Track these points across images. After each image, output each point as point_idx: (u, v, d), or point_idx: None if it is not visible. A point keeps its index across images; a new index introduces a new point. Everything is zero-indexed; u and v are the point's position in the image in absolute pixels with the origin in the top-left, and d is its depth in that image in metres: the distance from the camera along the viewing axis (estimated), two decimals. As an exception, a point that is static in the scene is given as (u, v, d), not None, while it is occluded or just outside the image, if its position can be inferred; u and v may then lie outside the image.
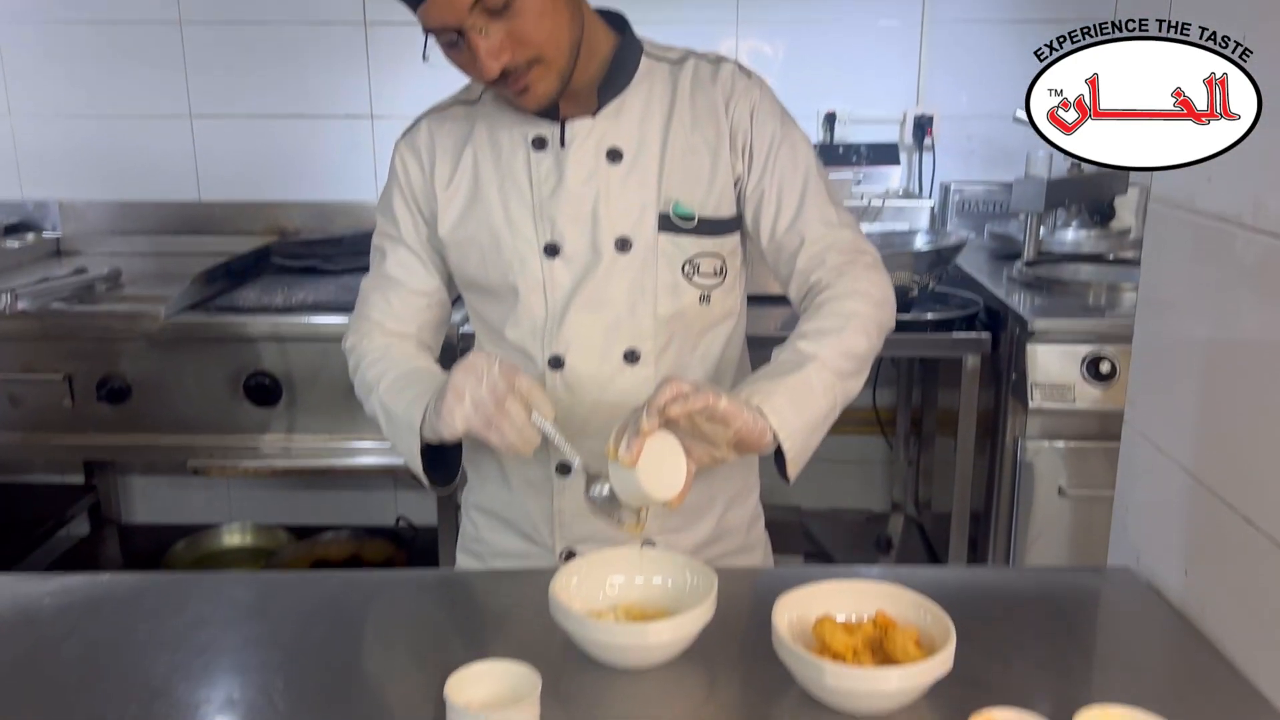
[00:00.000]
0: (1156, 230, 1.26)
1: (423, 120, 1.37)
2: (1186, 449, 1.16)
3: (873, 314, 1.24)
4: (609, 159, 1.28)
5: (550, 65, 1.19)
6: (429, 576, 1.31)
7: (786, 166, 1.31)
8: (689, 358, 1.35)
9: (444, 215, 1.33)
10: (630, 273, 1.29)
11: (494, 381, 1.13)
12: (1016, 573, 1.71)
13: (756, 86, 1.32)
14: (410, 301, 1.38)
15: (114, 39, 3.00)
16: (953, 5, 2.99)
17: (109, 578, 1.24)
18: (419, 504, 3.11)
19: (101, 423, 2.40)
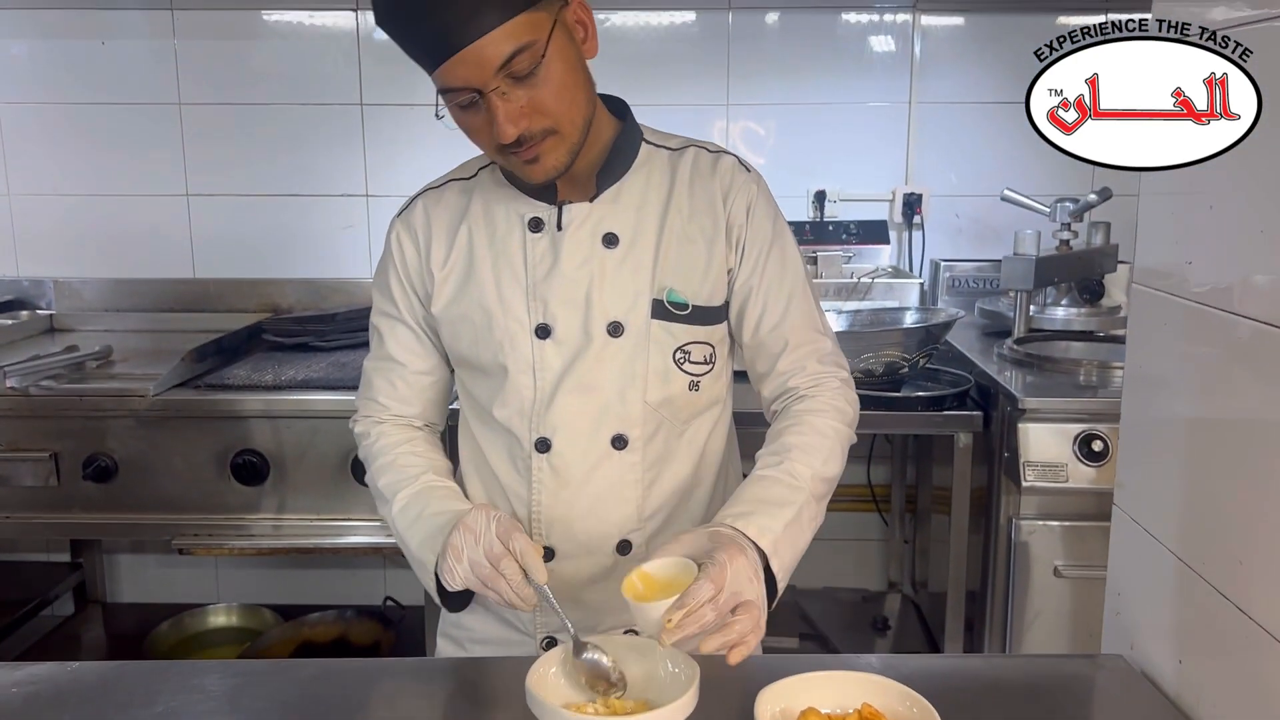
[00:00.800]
0: (1140, 311, 1.26)
1: (419, 199, 1.38)
2: (1176, 534, 1.15)
3: (846, 435, 1.31)
4: (605, 244, 1.28)
5: (563, 138, 1.20)
6: (404, 666, 1.27)
7: (776, 269, 1.32)
8: (675, 444, 1.33)
9: (439, 294, 1.33)
10: (621, 358, 1.28)
11: (490, 543, 1.16)
12: (1007, 660, 1.67)
13: (754, 182, 1.33)
14: (412, 382, 1.39)
15: (112, 119, 3.04)
16: (940, 87, 3.05)
17: (77, 666, 1.22)
18: (407, 584, 3.06)
19: (87, 501, 2.38)
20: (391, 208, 1.42)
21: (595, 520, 1.31)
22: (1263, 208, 1.00)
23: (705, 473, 1.37)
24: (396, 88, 3.03)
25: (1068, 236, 2.67)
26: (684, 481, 1.34)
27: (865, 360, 2.30)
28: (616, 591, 1.29)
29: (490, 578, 1.16)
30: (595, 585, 1.32)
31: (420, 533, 1.27)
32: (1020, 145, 3.03)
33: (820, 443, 1.27)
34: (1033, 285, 2.56)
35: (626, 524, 1.31)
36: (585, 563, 1.32)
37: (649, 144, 1.34)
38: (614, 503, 1.31)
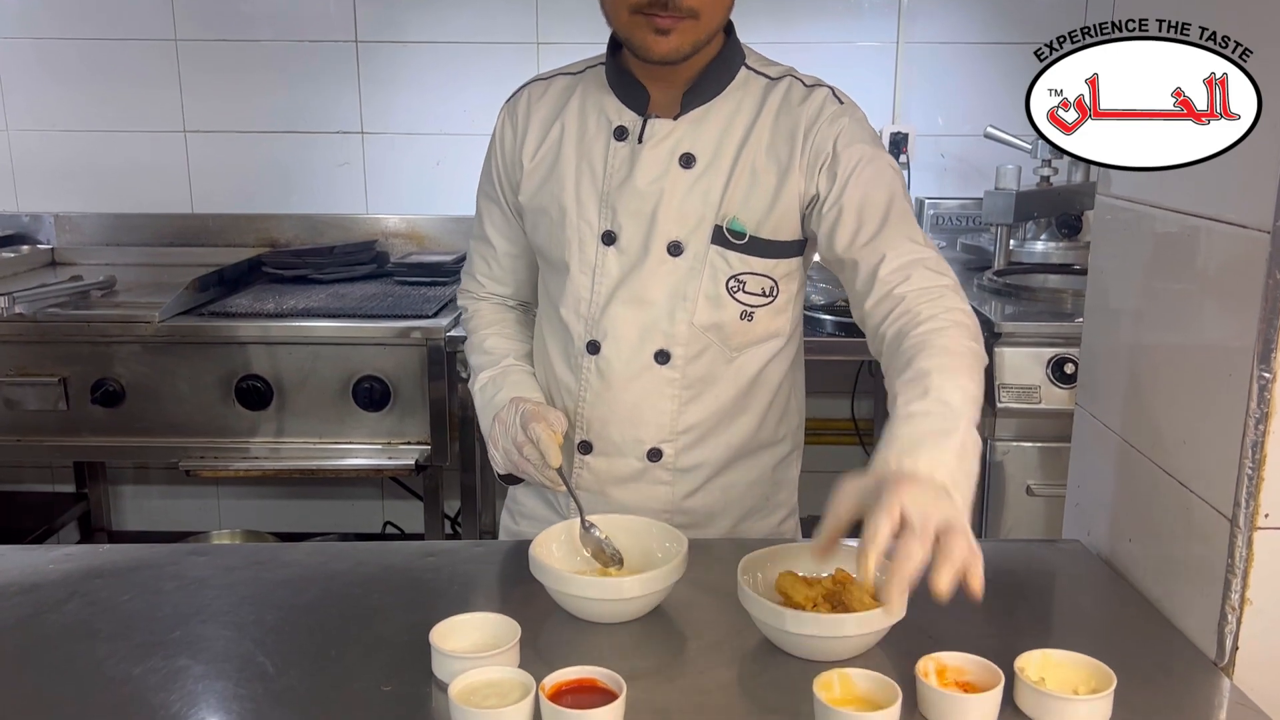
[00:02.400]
0: (1104, 225, 1.34)
1: (526, 88, 1.43)
2: (1126, 422, 1.24)
3: (977, 353, 1.17)
4: (682, 163, 1.31)
5: (700, 26, 1.22)
6: (415, 548, 1.37)
7: (871, 184, 1.27)
8: (723, 369, 1.36)
9: (526, 183, 1.40)
10: (675, 277, 1.32)
11: (515, 432, 1.32)
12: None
13: (847, 114, 1.31)
14: (505, 264, 1.50)
15: (110, 55, 3.07)
16: (927, 28, 3.10)
17: (109, 548, 1.30)
18: (406, 511, 3.16)
19: (95, 425, 2.46)
20: (385, 144, 1.50)
21: (630, 425, 1.38)
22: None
23: (753, 402, 1.39)
24: (391, 25, 3.07)
25: (1048, 173, 2.75)
26: (725, 405, 1.38)
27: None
28: (643, 495, 1.40)
29: (519, 462, 1.34)
30: (624, 485, 1.40)
31: (488, 413, 1.41)
32: (1005, 85, 3.08)
33: (958, 363, 1.13)
34: (1013, 219, 2.63)
35: (660, 433, 1.38)
36: (618, 462, 1.40)
37: (749, 69, 1.35)
38: (649, 412, 1.37)
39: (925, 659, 0.96)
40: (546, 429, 1.28)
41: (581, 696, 0.91)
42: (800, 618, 1.01)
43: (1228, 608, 1.03)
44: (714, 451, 1.39)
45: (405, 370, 2.43)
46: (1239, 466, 1.00)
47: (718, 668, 0.90)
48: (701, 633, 1.10)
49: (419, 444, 2.45)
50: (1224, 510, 1.03)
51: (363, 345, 2.43)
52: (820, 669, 0.94)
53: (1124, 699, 0.93)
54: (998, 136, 2.76)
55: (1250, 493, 1.00)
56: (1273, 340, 0.97)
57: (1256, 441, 0.99)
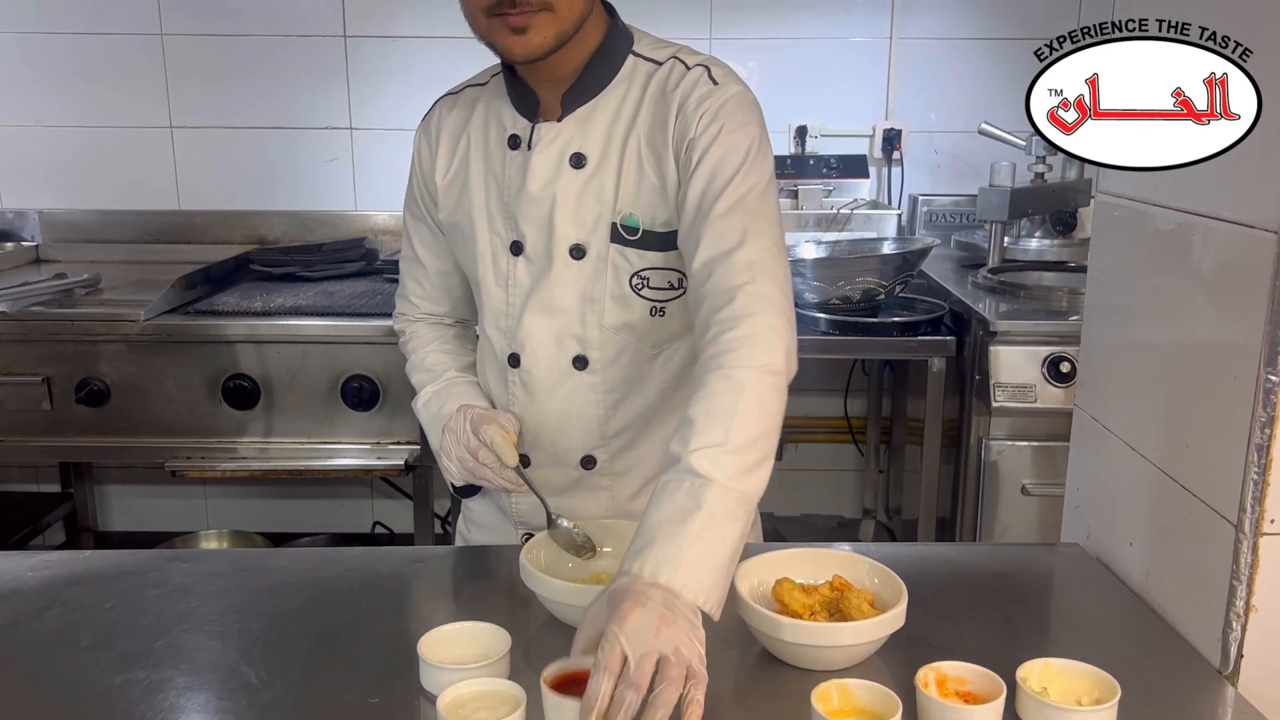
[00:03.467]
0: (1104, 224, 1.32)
1: (438, 106, 1.39)
2: (1129, 424, 1.22)
3: (769, 382, 1.05)
4: (572, 164, 1.26)
5: (556, 18, 1.16)
6: (402, 553, 1.34)
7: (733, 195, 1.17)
8: (646, 367, 1.33)
9: (442, 202, 1.37)
10: (581, 280, 1.29)
11: (467, 439, 1.29)
12: (973, 548, 1.76)
13: (718, 93, 1.21)
14: (437, 282, 1.46)
15: (96, 50, 3.03)
16: (920, 24, 3.08)
17: (90, 554, 1.28)
18: (396, 511, 3.13)
19: (80, 425, 2.42)
20: (374, 140, 1.47)
21: (560, 435, 1.35)
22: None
23: (679, 398, 1.31)
24: (379, 20, 3.04)
25: (1043, 170, 2.73)
26: (654, 404, 1.35)
27: (842, 287, 2.36)
28: (584, 503, 1.37)
29: (475, 468, 1.30)
30: (565, 494, 1.36)
31: (436, 426, 1.37)
32: (998, 82, 3.07)
33: (728, 403, 1.03)
34: (1007, 216, 2.62)
35: (590, 440, 1.35)
36: (554, 473, 1.37)
37: (636, 55, 1.28)
38: (577, 420, 1.34)
39: (925, 669, 0.94)
40: (499, 430, 1.26)
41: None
42: (797, 627, 0.99)
43: (1232, 615, 1.01)
44: (650, 450, 1.35)
45: (394, 369, 2.40)
46: (1244, 471, 0.99)
47: (715, 677, 0.87)
48: (696, 641, 1.08)
49: (408, 443, 2.42)
50: (1229, 515, 1.01)
51: (351, 344, 2.40)
52: (819, 678, 0.92)
53: (1127, 707, 0.91)
54: (991, 133, 2.74)
55: (1256, 498, 0.98)
56: (1279, 342, 0.95)
57: (1262, 445, 0.97)
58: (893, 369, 3.06)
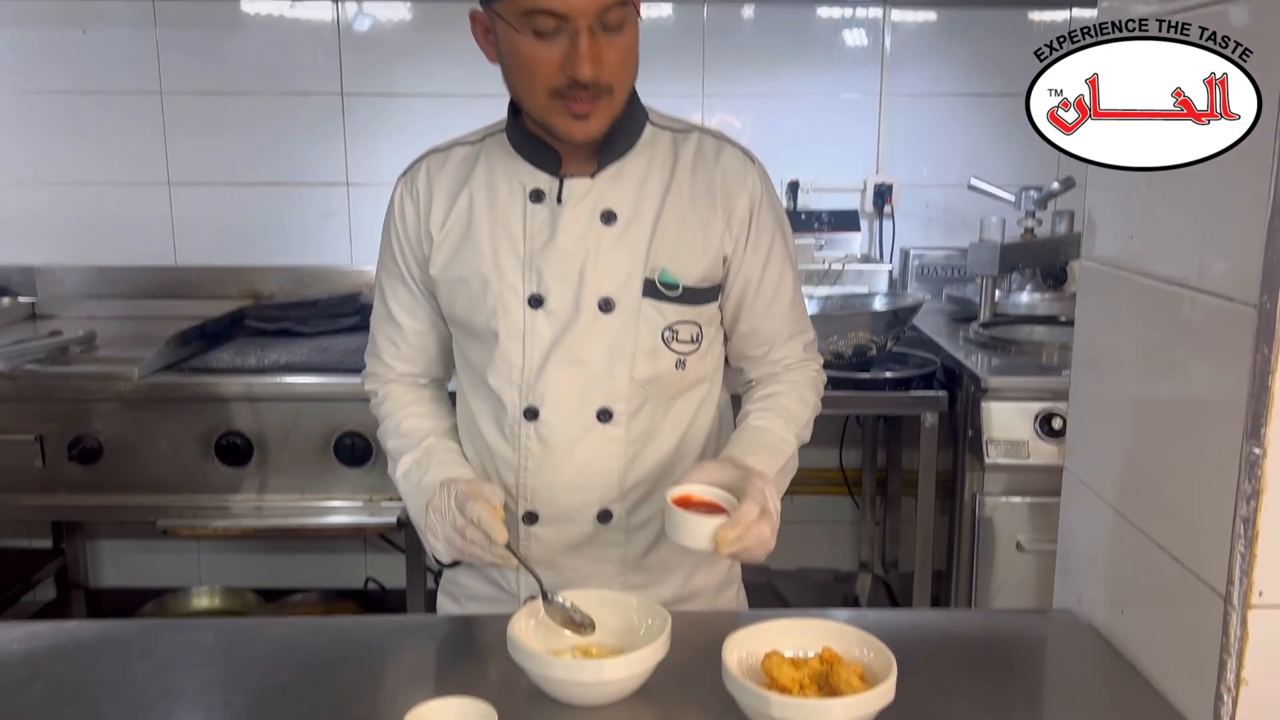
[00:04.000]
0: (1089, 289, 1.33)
1: (424, 160, 1.40)
2: (1119, 492, 1.22)
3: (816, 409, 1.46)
4: (603, 220, 1.31)
5: (613, 103, 1.24)
6: (391, 622, 1.33)
7: (777, 266, 1.39)
8: (661, 420, 1.37)
9: (436, 255, 1.36)
10: (610, 333, 1.32)
11: (453, 518, 1.26)
12: (964, 615, 1.75)
13: (758, 176, 1.37)
14: (412, 341, 1.45)
15: (95, 107, 3.07)
16: (909, 80, 3.12)
17: (75, 625, 1.27)
18: (388, 566, 3.11)
19: (72, 483, 2.42)
20: (371, 196, 1.48)
21: (578, 489, 1.35)
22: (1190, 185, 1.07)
23: (689, 448, 1.40)
24: (377, 78, 3.08)
25: (1032, 224, 2.76)
26: (667, 456, 1.38)
27: (834, 342, 2.37)
28: (595, 558, 1.37)
29: (464, 547, 1.27)
30: (575, 551, 1.38)
31: (417, 501, 1.35)
32: (988, 136, 3.11)
33: (804, 411, 1.42)
34: (998, 271, 2.64)
35: (608, 494, 1.36)
36: (567, 529, 1.37)
37: (654, 125, 1.37)
38: (597, 473, 1.35)
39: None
40: (485, 506, 1.23)
41: None
42: (786, 703, 0.98)
43: (1223, 688, 1.01)
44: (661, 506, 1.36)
45: (388, 426, 2.40)
46: (1231, 542, 0.98)
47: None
48: (685, 714, 1.07)
49: (400, 500, 2.41)
50: (1217, 587, 1.01)
51: (344, 401, 2.40)
52: (807, 757, 0.91)
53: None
54: (981, 188, 2.77)
55: (1244, 570, 0.98)
56: (1262, 416, 0.95)
57: (1248, 518, 0.97)
58: (887, 422, 3.07)
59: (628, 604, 1.19)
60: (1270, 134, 0.93)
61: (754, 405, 1.42)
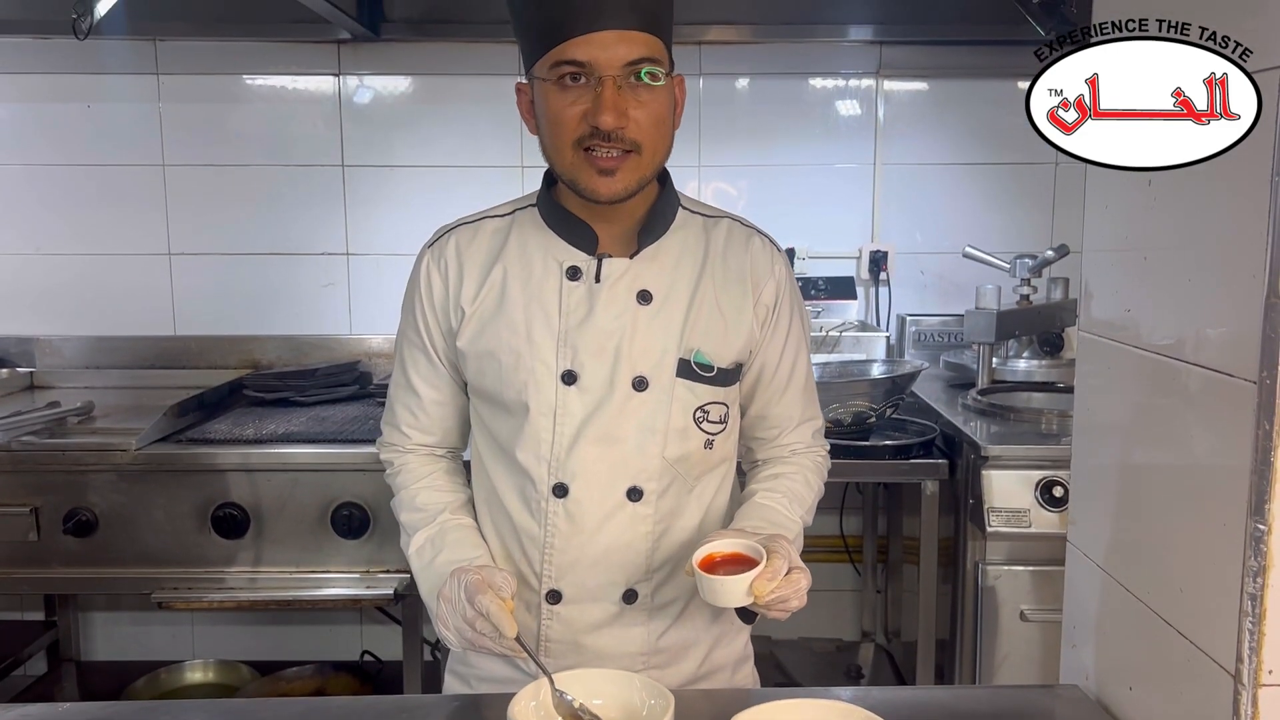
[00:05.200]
0: (1085, 354, 1.34)
1: (452, 233, 1.40)
2: (1123, 566, 1.21)
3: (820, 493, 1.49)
4: (639, 299, 1.33)
5: (641, 165, 1.26)
6: (391, 703, 1.31)
7: (793, 352, 1.44)
8: (686, 499, 1.38)
9: (465, 328, 1.36)
10: (644, 412, 1.32)
11: (463, 609, 1.24)
12: (970, 692, 1.72)
13: (783, 264, 1.42)
14: (431, 412, 1.45)
15: (97, 180, 3.11)
16: (902, 150, 3.17)
17: (68, 707, 1.24)
18: (384, 638, 3.08)
19: (67, 556, 2.39)
20: (370, 265, 1.48)
21: (605, 568, 1.35)
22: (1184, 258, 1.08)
23: (710, 526, 1.40)
24: (376, 150, 3.12)
25: (1028, 291, 2.77)
26: (691, 535, 1.37)
27: (834, 410, 2.37)
28: (618, 639, 1.37)
29: (474, 638, 1.25)
30: (599, 631, 1.36)
31: (429, 581, 1.35)
32: (982, 204, 3.15)
33: (808, 494, 1.45)
34: (994, 338, 2.65)
35: (635, 574, 1.35)
36: (591, 609, 1.36)
37: (686, 210, 1.40)
38: (625, 553, 1.34)
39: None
40: (494, 599, 1.21)
41: None
42: (792, 787, 0.96)
43: (1236, 769, 0.99)
44: (685, 584, 1.36)
45: (385, 496, 2.33)
46: (1239, 620, 0.98)
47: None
48: (689, 799, 1.05)
49: (398, 572, 2.39)
50: (1226, 665, 1.00)
51: (342, 471, 2.39)
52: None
53: None
54: (976, 256, 2.79)
55: (1252, 648, 0.97)
56: (1265, 491, 0.95)
57: (1255, 595, 0.97)
58: (887, 488, 3.05)
59: (632, 684, 1.18)
60: (1264, 209, 0.94)
61: (760, 485, 1.43)
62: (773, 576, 1.17)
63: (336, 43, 3.06)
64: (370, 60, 3.09)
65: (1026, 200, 3.15)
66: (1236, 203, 0.99)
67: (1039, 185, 3.12)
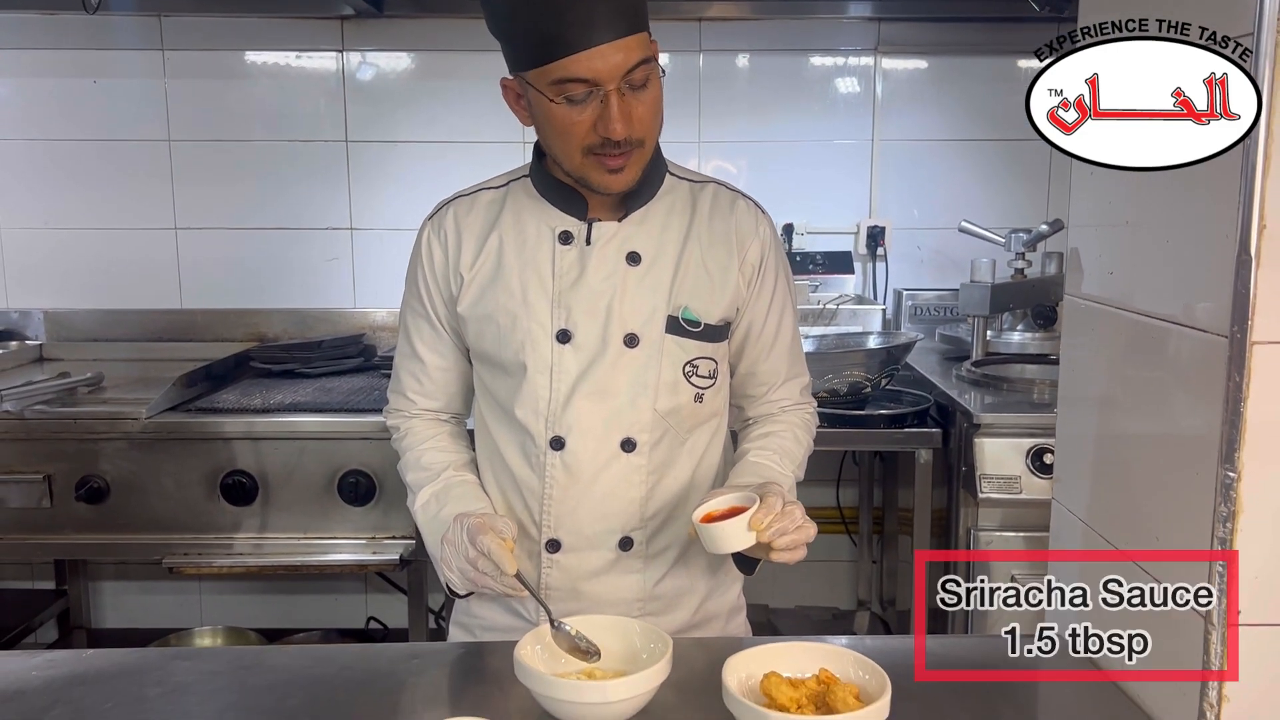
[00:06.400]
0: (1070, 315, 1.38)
1: (450, 205, 1.47)
2: (1103, 521, 1.26)
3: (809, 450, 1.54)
4: (629, 261, 1.39)
5: (644, 154, 1.32)
6: (402, 649, 1.36)
7: (778, 311, 1.49)
8: (678, 451, 1.44)
9: (465, 293, 1.43)
10: (635, 367, 1.39)
11: (465, 549, 1.30)
12: (957, 640, 1.78)
13: (768, 226, 1.48)
14: (436, 378, 1.51)
15: (103, 155, 3.14)
16: (900, 126, 3.20)
17: (92, 653, 1.30)
18: (390, 606, 3.13)
19: (78, 523, 2.45)
20: (374, 240, 1.53)
21: (601, 516, 1.41)
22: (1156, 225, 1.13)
23: (702, 479, 1.47)
24: (380, 126, 3.15)
25: (1022, 265, 2.82)
26: (684, 485, 1.45)
27: (829, 380, 2.42)
28: (615, 585, 1.43)
29: (476, 578, 1.31)
30: (596, 578, 1.43)
31: (434, 533, 1.40)
32: (978, 180, 3.19)
33: (798, 450, 1.51)
34: (989, 311, 2.69)
35: (630, 522, 1.42)
36: (589, 556, 1.42)
37: (673, 175, 1.46)
38: (620, 501, 1.41)
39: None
40: (495, 538, 1.28)
41: None
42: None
43: (1205, 705, 1.04)
44: (678, 532, 1.44)
45: (390, 464, 2.43)
46: (1209, 565, 1.03)
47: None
48: (687, 735, 1.11)
49: (403, 538, 2.45)
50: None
51: (348, 439, 2.44)
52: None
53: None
54: (972, 231, 2.83)
55: (1222, 590, 1.02)
56: (1235, 441, 1.00)
57: (1225, 539, 1.01)
58: (883, 459, 3.10)
59: (631, 629, 1.23)
60: (1236, 169, 0.98)
61: (751, 444, 1.49)
62: (769, 512, 1.23)
63: (340, 19, 3.09)
64: (373, 36, 3.12)
65: (1022, 176, 3.18)
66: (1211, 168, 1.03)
67: (1035, 161, 3.16)
